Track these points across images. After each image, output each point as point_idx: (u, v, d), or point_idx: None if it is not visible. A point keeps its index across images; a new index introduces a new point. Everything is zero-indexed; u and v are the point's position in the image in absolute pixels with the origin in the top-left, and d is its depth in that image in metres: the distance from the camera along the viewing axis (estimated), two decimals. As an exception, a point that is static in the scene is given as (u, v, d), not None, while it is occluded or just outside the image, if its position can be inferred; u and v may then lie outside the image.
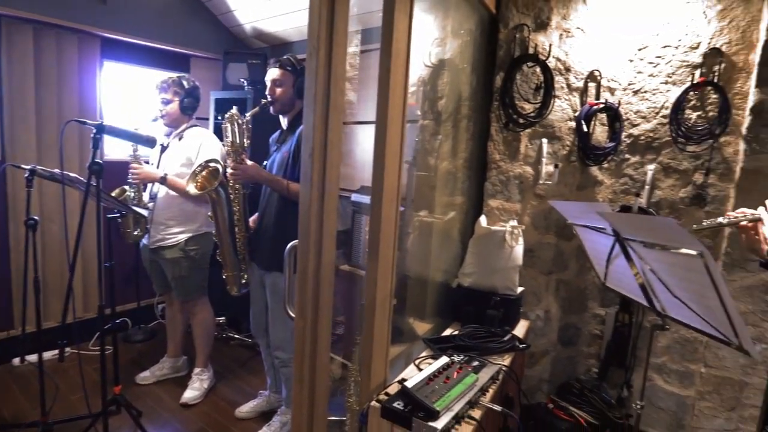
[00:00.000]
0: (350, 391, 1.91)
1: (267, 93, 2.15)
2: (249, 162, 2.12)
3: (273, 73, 2.13)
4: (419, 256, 2.19)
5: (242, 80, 3.35)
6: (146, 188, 2.57)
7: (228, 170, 2.15)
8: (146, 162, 2.55)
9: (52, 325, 2.96)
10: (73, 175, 2.00)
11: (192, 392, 2.61)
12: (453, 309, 2.20)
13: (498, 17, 2.29)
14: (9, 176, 2.82)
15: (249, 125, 2.13)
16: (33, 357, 2.16)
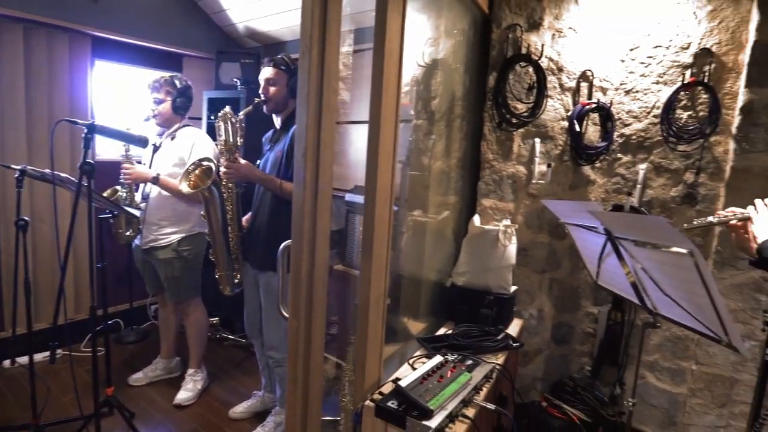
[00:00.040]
0: (344, 391, 1.91)
1: (260, 92, 2.14)
2: (242, 161, 2.11)
3: (266, 72, 2.13)
4: (413, 256, 2.19)
5: (235, 80, 3.34)
6: (138, 188, 2.56)
7: (221, 169, 2.14)
8: (138, 162, 2.53)
9: (43, 327, 2.93)
10: (64, 176, 1.98)
11: (185, 393, 2.60)
12: (447, 308, 2.20)
13: (491, 17, 2.30)
14: (-1, 177, 2.79)
15: (242, 124, 2.12)
16: (24, 359, 2.14)
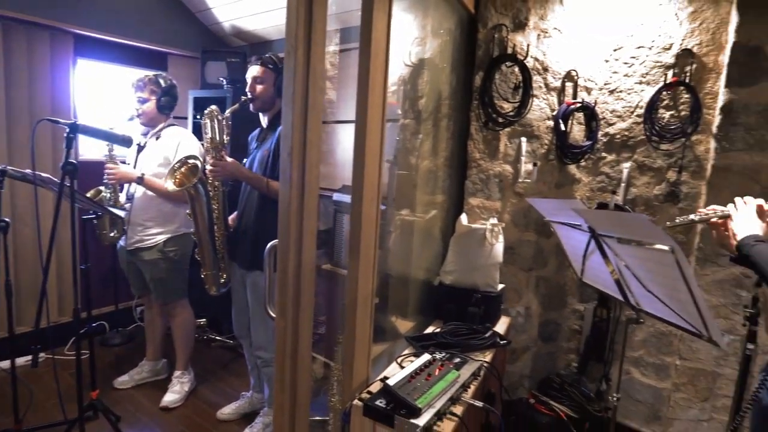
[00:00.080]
0: (333, 391, 1.91)
1: (247, 90, 2.13)
2: (229, 159, 2.09)
3: (254, 71, 2.12)
4: (401, 255, 2.20)
5: (221, 79, 3.31)
6: (123, 189, 2.53)
7: (207, 167, 2.12)
8: (123, 162, 2.50)
9: (26, 330, 2.88)
10: (46, 176, 1.95)
11: (172, 395, 2.57)
12: (435, 307, 2.21)
13: (477, 17, 2.31)
14: (-22, 177, 2.73)
15: (228, 122, 2.11)
16: (5, 363, 2.10)
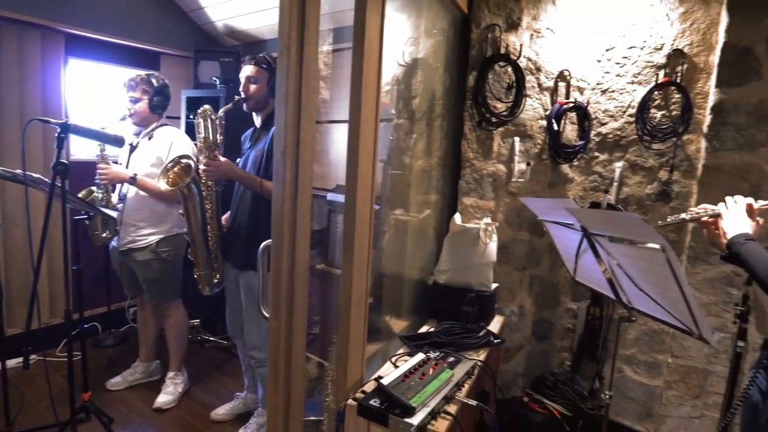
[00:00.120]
0: (327, 391, 1.91)
1: (241, 90, 2.12)
2: (222, 158, 2.09)
3: (248, 70, 2.11)
4: (395, 255, 2.20)
5: (214, 78, 3.29)
6: (115, 189, 2.51)
7: (200, 166, 2.11)
8: (115, 162, 2.48)
9: (17, 332, 2.85)
10: (36, 176, 1.93)
11: (165, 396, 2.56)
12: (429, 306, 2.22)
13: (470, 17, 2.32)
14: (-32, 177, 2.70)
15: (222, 121, 2.10)
16: (-4, 365, 2.08)
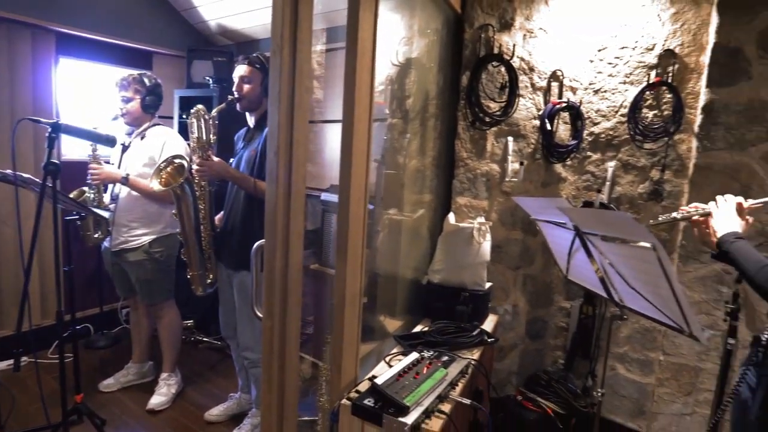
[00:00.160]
0: (321, 391, 1.91)
1: (234, 89, 2.11)
2: (215, 158, 2.08)
3: (241, 70, 2.11)
4: (389, 254, 2.20)
5: (207, 78, 3.28)
6: (107, 189, 2.49)
7: (194, 166, 2.10)
8: (107, 162, 2.47)
9: (7, 334, 2.82)
10: (27, 176, 1.92)
11: (159, 398, 2.54)
12: (423, 305, 2.22)
13: (463, 17, 2.32)
14: (-43, 178, 2.67)
15: (215, 121, 2.09)
16: (-14, 367, 2.06)
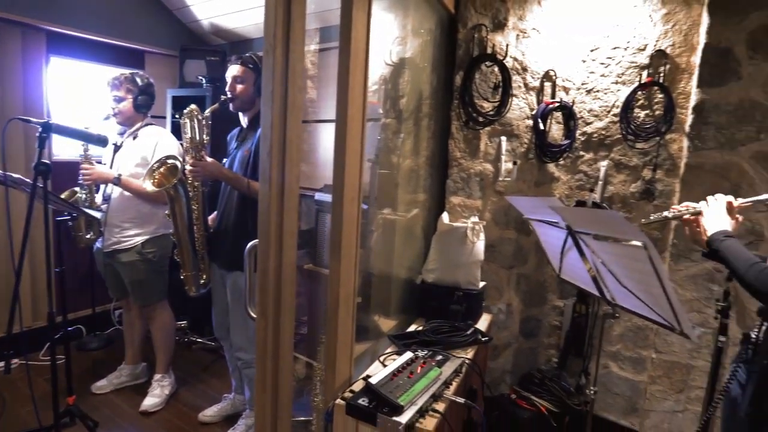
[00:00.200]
0: (316, 391, 1.91)
1: (227, 89, 2.11)
2: (209, 159, 2.07)
3: (234, 70, 2.10)
4: (383, 254, 2.20)
5: (200, 77, 3.26)
6: (99, 189, 2.48)
7: (187, 167, 2.09)
8: (99, 162, 2.45)
9: (-2, 336, 2.80)
10: (17, 176, 1.90)
11: (152, 399, 2.53)
12: (417, 305, 2.22)
13: (457, 17, 2.33)
14: (-54, 178, 2.64)
15: (208, 122, 2.08)
16: (-24, 370, 2.04)
